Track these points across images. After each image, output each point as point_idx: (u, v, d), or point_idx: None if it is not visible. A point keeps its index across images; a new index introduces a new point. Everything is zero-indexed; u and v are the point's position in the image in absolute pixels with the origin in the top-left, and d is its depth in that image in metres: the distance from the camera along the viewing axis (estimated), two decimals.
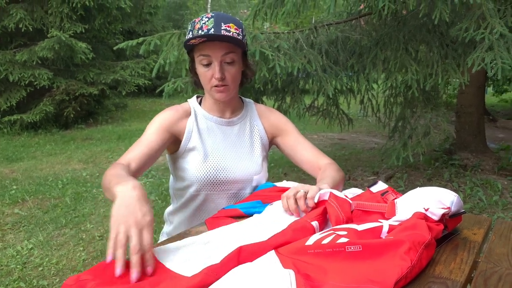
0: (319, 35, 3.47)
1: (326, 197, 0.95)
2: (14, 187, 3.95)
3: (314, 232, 0.87)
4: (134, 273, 0.71)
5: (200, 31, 1.13)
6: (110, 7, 7.47)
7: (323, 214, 0.93)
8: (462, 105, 4.47)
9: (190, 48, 1.19)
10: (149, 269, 0.74)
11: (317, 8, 3.67)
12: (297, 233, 0.85)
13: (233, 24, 1.15)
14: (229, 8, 18.23)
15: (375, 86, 3.84)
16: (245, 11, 17.92)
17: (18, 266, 2.45)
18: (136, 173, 1.08)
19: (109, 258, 0.73)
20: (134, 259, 0.73)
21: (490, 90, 9.96)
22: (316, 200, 0.95)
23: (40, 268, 2.44)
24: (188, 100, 1.32)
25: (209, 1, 17.73)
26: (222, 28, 1.13)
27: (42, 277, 2.35)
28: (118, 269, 0.72)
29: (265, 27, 9.52)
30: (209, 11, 16.82)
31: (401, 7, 3.23)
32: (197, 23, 1.16)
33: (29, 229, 3.00)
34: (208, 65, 1.17)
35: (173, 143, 1.24)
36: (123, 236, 0.75)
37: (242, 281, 0.69)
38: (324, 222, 0.92)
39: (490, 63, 2.42)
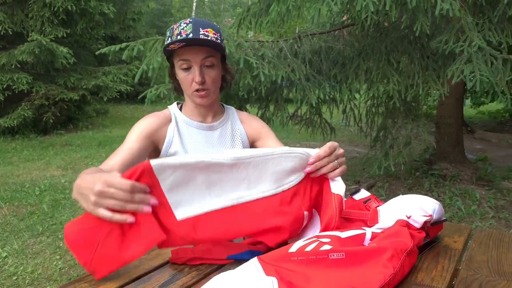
0: (302, 45, 3.50)
1: (338, 191, 0.89)
2: None
3: (302, 222, 0.87)
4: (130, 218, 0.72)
5: (178, 37, 1.14)
6: (93, 12, 7.40)
7: (311, 205, 0.90)
8: (442, 116, 4.57)
9: (170, 54, 1.20)
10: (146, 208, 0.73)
11: (301, 18, 3.71)
12: (288, 212, 0.85)
13: (211, 29, 1.16)
14: (214, 16, 18.30)
15: (357, 96, 3.89)
16: (230, 19, 18.00)
17: None
18: None
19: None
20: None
21: (468, 102, 10.22)
22: (338, 178, 0.89)
23: (15, 277, 2.36)
24: (168, 106, 1.32)
25: (194, 9, 17.75)
26: (201, 33, 1.14)
27: (17, 286, 2.27)
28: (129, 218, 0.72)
29: (249, 36, 9.58)
30: None
31: (383, 19, 3.30)
32: (175, 29, 1.16)
33: (3, 237, 2.90)
34: (188, 69, 1.17)
35: (154, 151, 1.23)
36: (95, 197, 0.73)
37: None
38: (310, 216, 0.91)
39: (469, 75, 2.48)
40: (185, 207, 0.80)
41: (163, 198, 0.77)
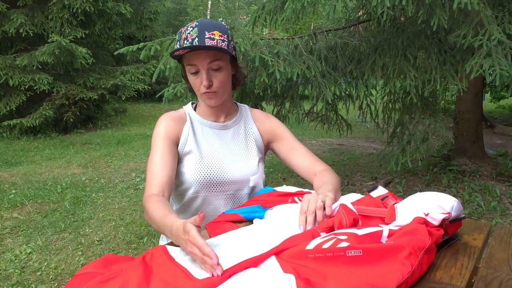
0: (318, 41, 3.48)
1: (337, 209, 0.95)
2: (13, 191, 3.94)
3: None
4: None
5: (185, 41, 1.16)
6: (110, 12, 7.50)
7: (331, 227, 0.91)
8: (460, 111, 4.49)
9: (178, 58, 1.23)
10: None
11: (316, 15, 3.69)
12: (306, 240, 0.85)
13: (217, 32, 1.17)
14: (229, 14, 18.32)
15: (373, 92, 3.85)
16: (245, 17, 18.00)
17: (16, 271, 2.44)
18: (169, 198, 1.15)
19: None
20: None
21: (487, 96, 9.99)
22: (333, 208, 0.95)
23: (39, 273, 2.43)
24: (183, 106, 1.36)
25: (209, 7, 17.80)
26: (206, 36, 1.15)
27: (41, 281, 2.34)
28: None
29: (264, 33, 9.57)
30: (208, 17, 16.90)
31: (399, 14, 3.26)
32: (183, 33, 1.19)
33: (27, 234, 2.99)
34: (196, 73, 1.20)
35: None
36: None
37: (243, 286, 0.69)
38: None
39: (488, 69, 2.43)
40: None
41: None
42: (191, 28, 1.17)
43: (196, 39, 1.15)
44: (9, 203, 3.59)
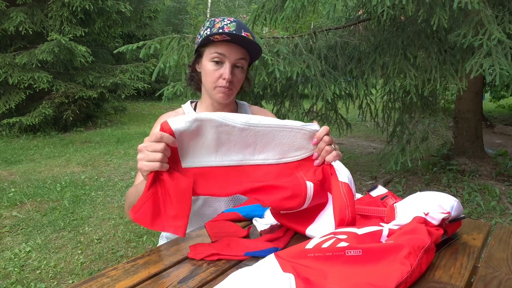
0: (318, 40, 3.48)
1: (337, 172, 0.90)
2: (13, 189, 3.94)
3: (305, 191, 0.86)
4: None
5: (220, 30, 1.15)
6: (110, 11, 7.49)
7: (317, 180, 0.89)
8: (460, 111, 4.49)
9: (205, 43, 1.19)
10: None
11: (316, 14, 3.69)
12: (287, 180, 0.86)
13: (250, 34, 1.19)
14: (229, 13, 18.30)
15: (373, 91, 3.85)
16: (245, 16, 17.97)
17: (15, 269, 2.44)
18: None
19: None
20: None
21: (487, 96, 9.99)
22: (340, 166, 0.90)
23: (38, 271, 2.43)
24: (182, 105, 1.33)
25: (209, 5, 17.78)
26: (242, 34, 1.16)
27: (40, 280, 2.34)
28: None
29: (264, 32, 9.55)
30: (208, 16, 16.88)
31: (399, 13, 3.26)
32: (217, 22, 1.18)
33: (27, 232, 2.99)
34: (219, 63, 1.18)
35: None
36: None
37: (242, 286, 0.69)
38: (320, 191, 0.90)
39: (488, 69, 2.43)
40: (191, 158, 0.85)
41: (174, 147, 0.83)
42: (228, 21, 1.17)
43: (234, 32, 1.15)
44: (8, 201, 3.59)
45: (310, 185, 0.87)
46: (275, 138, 0.89)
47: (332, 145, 0.91)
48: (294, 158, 0.91)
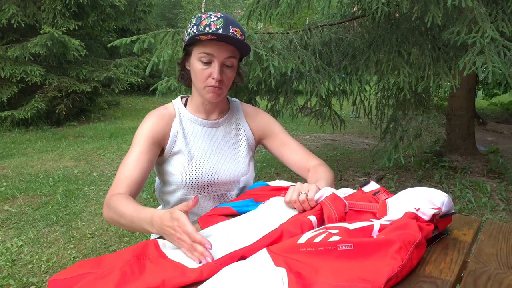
0: (312, 36, 3.48)
1: (322, 199, 0.97)
2: (5, 184, 3.91)
3: (312, 226, 0.89)
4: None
5: (207, 28, 1.11)
6: (104, 4, 7.43)
7: (321, 210, 0.95)
8: (453, 108, 4.52)
9: (192, 42, 1.16)
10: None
11: (311, 10, 3.68)
12: (294, 227, 0.87)
13: (239, 30, 1.15)
14: (224, 8, 18.20)
15: (367, 87, 3.86)
16: (240, 11, 17.90)
17: (7, 263, 2.43)
18: (135, 197, 1.10)
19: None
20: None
21: (480, 93, 10.06)
22: (316, 198, 0.98)
23: (30, 266, 2.42)
24: (172, 100, 1.29)
25: (204, 0, 17.68)
26: (230, 31, 1.12)
27: (32, 274, 2.33)
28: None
29: (259, 27, 9.52)
30: (203, 10, 16.78)
31: (394, 10, 3.26)
32: (204, 19, 1.13)
33: (19, 226, 2.97)
34: (207, 63, 1.14)
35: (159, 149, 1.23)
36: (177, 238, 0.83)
37: (234, 280, 0.69)
38: (322, 218, 0.94)
39: (481, 66, 2.45)
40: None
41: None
42: (215, 18, 1.13)
43: (221, 30, 1.11)
44: (0, 195, 3.56)
45: (313, 219, 0.92)
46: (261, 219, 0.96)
47: (302, 193, 0.99)
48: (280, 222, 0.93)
